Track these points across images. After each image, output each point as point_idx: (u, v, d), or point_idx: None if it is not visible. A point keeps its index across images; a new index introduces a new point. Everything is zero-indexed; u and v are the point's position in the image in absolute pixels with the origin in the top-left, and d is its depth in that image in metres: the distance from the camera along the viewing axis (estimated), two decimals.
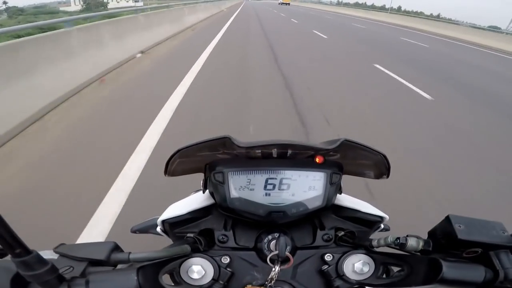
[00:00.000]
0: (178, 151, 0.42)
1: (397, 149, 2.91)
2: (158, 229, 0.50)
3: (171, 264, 0.40)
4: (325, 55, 7.68)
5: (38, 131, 2.89)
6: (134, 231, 0.63)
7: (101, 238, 1.67)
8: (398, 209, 2.02)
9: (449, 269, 0.34)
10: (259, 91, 4.43)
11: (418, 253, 0.39)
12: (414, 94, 4.84)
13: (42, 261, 0.27)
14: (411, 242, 0.37)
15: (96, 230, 1.74)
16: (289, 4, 54.07)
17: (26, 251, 0.26)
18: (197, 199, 0.50)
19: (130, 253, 0.34)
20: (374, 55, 8.10)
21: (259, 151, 0.44)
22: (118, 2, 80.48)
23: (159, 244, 0.50)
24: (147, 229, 0.55)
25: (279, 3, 54.08)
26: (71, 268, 0.32)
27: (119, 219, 1.82)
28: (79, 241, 1.69)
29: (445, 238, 0.36)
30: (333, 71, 6.07)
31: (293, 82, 4.94)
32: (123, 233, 1.04)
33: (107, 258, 0.33)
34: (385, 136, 3.22)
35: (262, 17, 19.96)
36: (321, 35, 11.59)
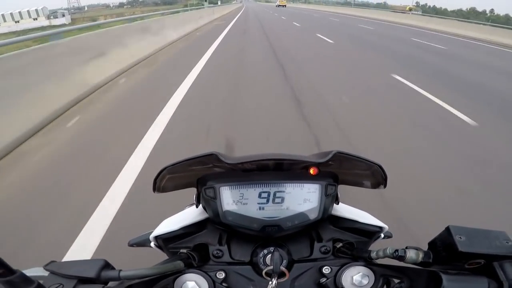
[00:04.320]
0: (164, 169, 0.42)
1: None
2: (152, 244, 0.50)
3: (163, 281, 0.40)
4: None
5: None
6: (131, 245, 0.63)
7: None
8: None
9: (449, 282, 0.32)
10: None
11: (419, 265, 0.38)
12: None
13: (27, 280, 0.27)
14: (410, 254, 0.36)
15: None
16: (285, 6, 53.78)
17: (10, 271, 0.26)
18: (191, 214, 0.49)
19: (120, 270, 0.34)
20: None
21: (254, 164, 0.44)
22: (17, 22, 53.01)
23: (159, 258, 0.49)
24: (145, 242, 0.55)
25: (276, 5, 55.02)
26: (61, 286, 0.32)
27: None
28: None
29: (445, 250, 0.35)
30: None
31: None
32: None
33: (97, 275, 0.33)
34: None
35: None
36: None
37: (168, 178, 0.45)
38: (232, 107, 3.80)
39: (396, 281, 0.42)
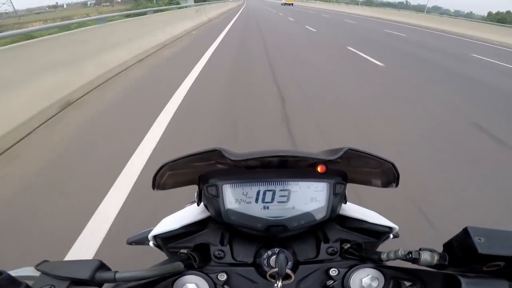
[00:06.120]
0: (165, 165, 0.40)
1: None
2: (151, 244, 0.48)
3: (162, 283, 0.38)
4: None
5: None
6: (130, 243, 0.62)
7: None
8: None
9: (469, 286, 0.30)
10: None
11: (433, 268, 0.35)
12: None
13: (14, 281, 0.26)
14: (425, 256, 0.34)
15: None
16: (292, 4, 45.01)
17: None
18: (192, 212, 0.48)
19: (116, 272, 0.33)
20: None
21: (259, 160, 0.42)
22: None
23: (159, 257, 0.47)
24: (144, 241, 0.53)
25: (282, 4, 46.00)
26: (52, 287, 0.30)
27: None
28: None
29: (463, 252, 0.33)
30: None
31: None
32: None
33: (91, 277, 0.32)
34: None
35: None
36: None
37: (169, 175, 0.43)
38: None
39: (407, 284, 0.40)
